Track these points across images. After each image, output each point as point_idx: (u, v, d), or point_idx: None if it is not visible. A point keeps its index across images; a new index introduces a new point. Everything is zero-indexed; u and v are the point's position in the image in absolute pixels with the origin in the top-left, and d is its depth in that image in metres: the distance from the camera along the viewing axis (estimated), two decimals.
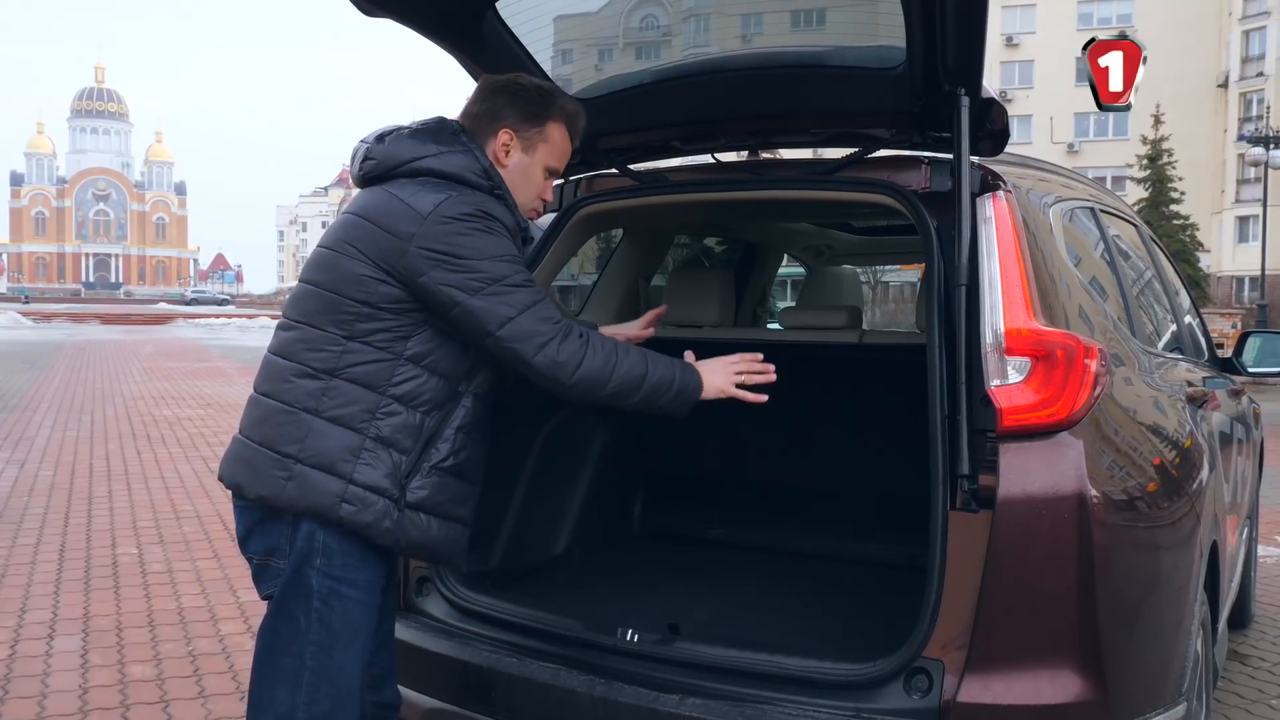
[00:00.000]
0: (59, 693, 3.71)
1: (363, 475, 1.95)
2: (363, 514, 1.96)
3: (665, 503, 3.64)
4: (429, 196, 1.97)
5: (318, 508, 1.96)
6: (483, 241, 1.95)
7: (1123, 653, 1.98)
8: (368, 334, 1.98)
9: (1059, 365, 1.98)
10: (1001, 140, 2.27)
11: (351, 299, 1.98)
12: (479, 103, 2.15)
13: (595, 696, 2.18)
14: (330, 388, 1.97)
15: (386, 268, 1.96)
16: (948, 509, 1.97)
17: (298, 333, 2.03)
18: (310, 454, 1.96)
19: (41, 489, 7.44)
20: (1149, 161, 33.97)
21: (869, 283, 25.98)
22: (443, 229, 1.94)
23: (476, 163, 2.05)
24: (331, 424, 1.96)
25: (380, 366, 1.98)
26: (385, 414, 1.97)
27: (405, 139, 2.07)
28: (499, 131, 2.12)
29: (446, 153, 2.04)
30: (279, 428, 1.99)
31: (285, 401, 2.00)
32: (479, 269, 1.93)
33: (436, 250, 1.93)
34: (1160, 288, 3.46)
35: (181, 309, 66.08)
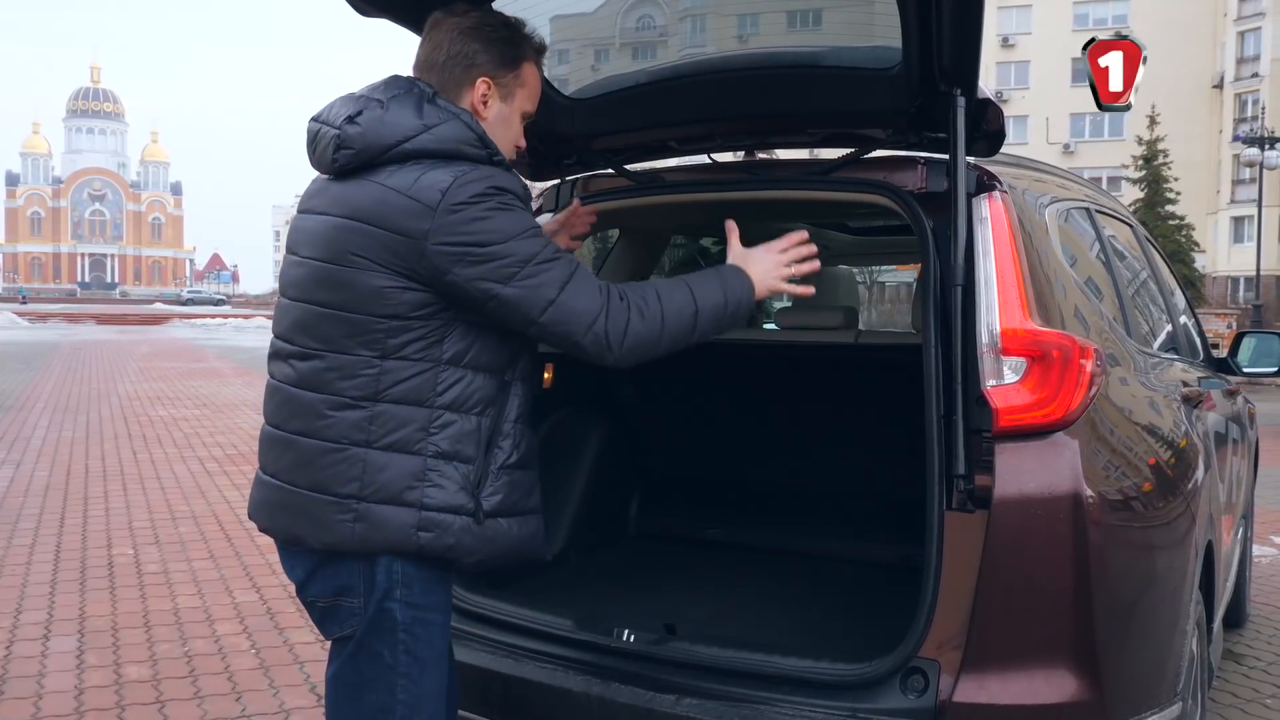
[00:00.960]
0: (54, 693, 3.70)
1: (434, 498, 1.81)
2: (443, 538, 1.82)
3: (662, 503, 3.64)
4: (431, 184, 1.76)
5: (393, 544, 1.81)
6: (502, 221, 1.77)
7: (1118, 652, 1.98)
8: (401, 348, 1.80)
9: (1055, 365, 1.98)
10: (997, 141, 2.27)
11: (377, 315, 1.79)
12: (445, 48, 1.90)
13: (592, 696, 2.18)
14: (376, 414, 1.80)
15: (406, 273, 1.77)
16: (944, 509, 1.97)
17: (322, 361, 1.83)
18: (372, 489, 1.80)
19: (37, 489, 7.43)
20: (1144, 162, 34.04)
21: (865, 283, 25.99)
22: (457, 218, 1.75)
23: (470, 131, 1.84)
24: (386, 452, 1.80)
25: (422, 379, 1.81)
26: (439, 427, 1.81)
27: (383, 116, 1.81)
28: (476, 81, 1.90)
29: (435, 125, 1.81)
30: (329, 469, 1.82)
31: (329, 439, 1.82)
32: (507, 253, 1.76)
33: (456, 243, 1.75)
34: (1155, 288, 3.47)
35: (177, 309, 66.03)
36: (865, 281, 25.99)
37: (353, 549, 1.82)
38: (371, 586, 1.84)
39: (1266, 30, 45.13)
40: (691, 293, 1.91)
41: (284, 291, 1.94)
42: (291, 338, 1.89)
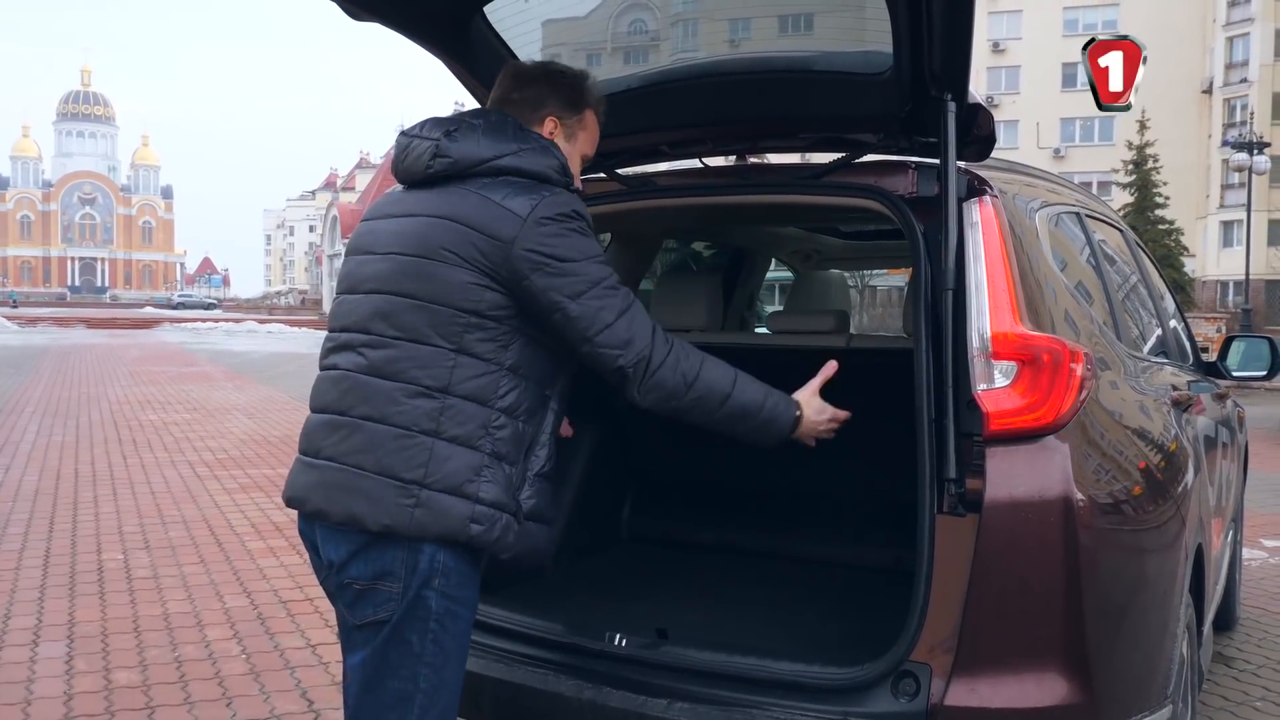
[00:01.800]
0: (43, 699, 3.68)
1: (487, 493, 1.91)
2: (490, 532, 1.91)
3: (654, 506, 3.64)
4: (523, 198, 1.91)
5: (449, 532, 1.89)
6: (580, 242, 1.93)
7: (1109, 656, 1.99)
8: (474, 345, 1.92)
9: (1045, 369, 1.99)
10: (988, 145, 2.28)
11: (459, 309, 1.91)
12: (517, 90, 2.09)
13: (584, 701, 2.18)
14: (447, 406, 1.90)
15: (491, 273, 1.90)
16: (935, 513, 1.98)
17: (399, 350, 1.92)
18: (436, 478, 1.88)
19: (26, 494, 7.40)
20: (1134, 167, 34.20)
21: (856, 287, 26.06)
22: (542, 231, 1.89)
23: (555, 159, 2.00)
24: (452, 444, 1.90)
25: (489, 380, 1.92)
26: (497, 428, 1.93)
27: (480, 137, 1.98)
28: (544, 119, 2.08)
29: (527, 150, 1.98)
30: (398, 453, 1.89)
31: (401, 425, 1.90)
32: (581, 271, 1.91)
33: (539, 253, 1.89)
34: (1145, 292, 3.48)
35: (167, 313, 65.82)
36: (857, 286, 26.10)
37: (409, 534, 1.89)
38: (413, 572, 1.90)
39: (1255, 36, 45.40)
40: (735, 379, 2.04)
41: (357, 286, 2.03)
42: (367, 327, 1.97)
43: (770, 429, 2.08)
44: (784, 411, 2.10)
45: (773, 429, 2.08)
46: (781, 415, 2.09)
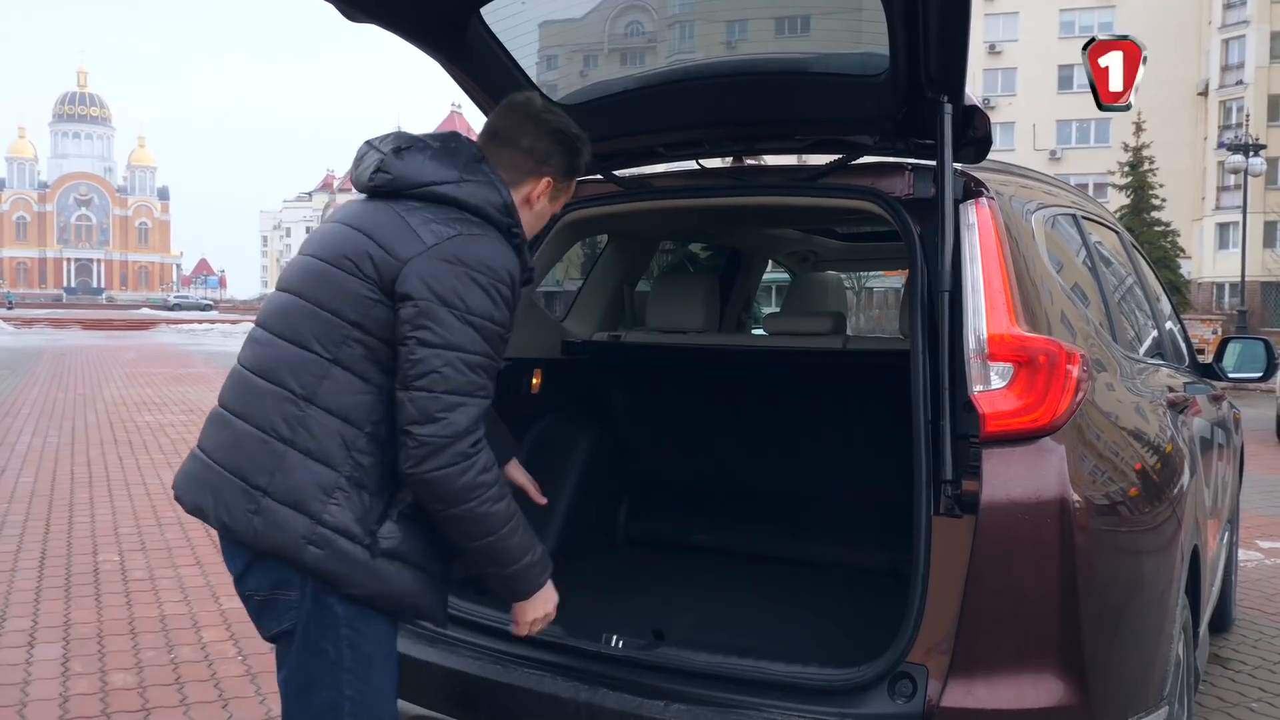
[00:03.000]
0: (39, 701, 3.68)
1: (332, 516, 1.81)
2: (329, 560, 1.81)
3: (650, 509, 3.64)
4: (440, 229, 1.84)
5: (283, 548, 1.82)
6: (476, 297, 1.81)
7: (1105, 657, 1.99)
8: (353, 360, 1.84)
9: (1041, 371, 1.99)
10: (984, 147, 2.28)
11: (344, 318, 1.85)
12: (529, 136, 2.00)
13: (580, 702, 2.17)
14: (308, 417, 1.83)
15: (381, 287, 1.83)
16: (931, 514, 1.98)
17: (280, 350, 1.89)
18: (280, 488, 1.82)
19: (22, 496, 7.38)
20: (1130, 169, 34.25)
21: (853, 289, 26.08)
22: (441, 267, 1.81)
23: (499, 196, 1.92)
24: (305, 457, 1.83)
25: (363, 400, 1.84)
26: (361, 453, 1.84)
27: (426, 159, 1.92)
28: (542, 178, 2.02)
29: (468, 181, 1.90)
30: (252, 457, 1.85)
31: (260, 427, 1.86)
32: (450, 326, 1.79)
33: (425, 283, 1.80)
34: (1141, 294, 3.49)
35: (164, 314, 65.69)
36: (853, 287, 26.12)
37: (246, 541, 1.85)
38: (307, 579, 1.85)
39: (1251, 38, 45.48)
40: (518, 529, 1.91)
41: (280, 284, 2.01)
42: (265, 323, 1.95)
43: (513, 582, 1.96)
44: (537, 575, 1.98)
45: (515, 585, 1.97)
46: (535, 578, 1.97)
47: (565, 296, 5.09)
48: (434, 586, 1.96)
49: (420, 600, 1.93)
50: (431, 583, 1.95)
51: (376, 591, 1.86)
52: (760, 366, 3.62)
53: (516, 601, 2.00)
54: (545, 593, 2.02)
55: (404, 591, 1.89)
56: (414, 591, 1.91)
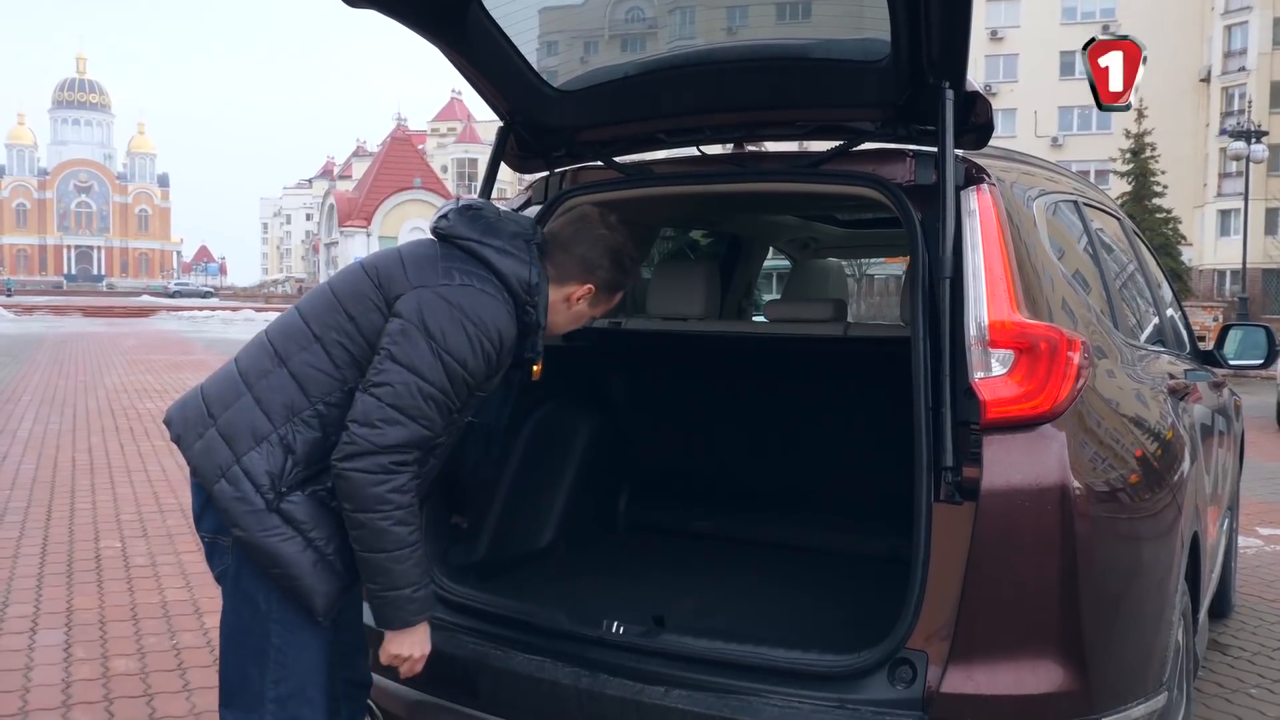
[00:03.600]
0: (42, 686, 3.69)
1: (250, 462, 1.96)
2: (229, 500, 1.95)
3: (650, 496, 3.65)
4: (458, 275, 2.01)
5: (203, 474, 1.99)
6: (457, 339, 1.96)
7: (1104, 643, 1.99)
8: (335, 344, 2.02)
9: (1042, 358, 1.99)
10: (986, 134, 2.28)
11: (345, 311, 2.04)
12: (584, 245, 2.18)
13: (581, 688, 2.18)
14: (274, 374, 2.02)
15: (386, 300, 2.01)
16: (931, 501, 1.98)
17: (288, 319, 2.11)
18: (226, 422, 2.01)
19: (24, 482, 7.39)
20: (1132, 155, 34.17)
21: (854, 276, 26.06)
22: (440, 303, 1.97)
23: (527, 274, 2.08)
24: (255, 406, 2.00)
25: (324, 378, 2.01)
26: (303, 422, 1.99)
27: (482, 223, 2.10)
28: (586, 284, 2.18)
29: (508, 253, 2.07)
30: (222, 390, 2.07)
31: (240, 369, 2.08)
32: (424, 352, 1.94)
33: (417, 309, 1.96)
34: (1143, 281, 3.48)
35: (164, 301, 65.60)
36: (854, 275, 26.09)
37: (188, 460, 2.03)
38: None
39: (1253, 24, 45.30)
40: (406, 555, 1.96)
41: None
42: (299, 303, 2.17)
43: (388, 607, 2.00)
44: (410, 609, 2.01)
45: (389, 610, 2.01)
46: (404, 610, 2.01)
47: None
48: (324, 575, 2.01)
49: (300, 575, 1.98)
50: (324, 570, 2.00)
51: (256, 540, 1.96)
52: (761, 353, 3.62)
53: (387, 628, 2.04)
54: (416, 634, 2.05)
55: (285, 556, 1.96)
56: (297, 563, 1.97)
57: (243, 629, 2.04)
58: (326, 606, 2.03)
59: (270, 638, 2.01)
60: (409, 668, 2.08)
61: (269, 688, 2.01)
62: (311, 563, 1.98)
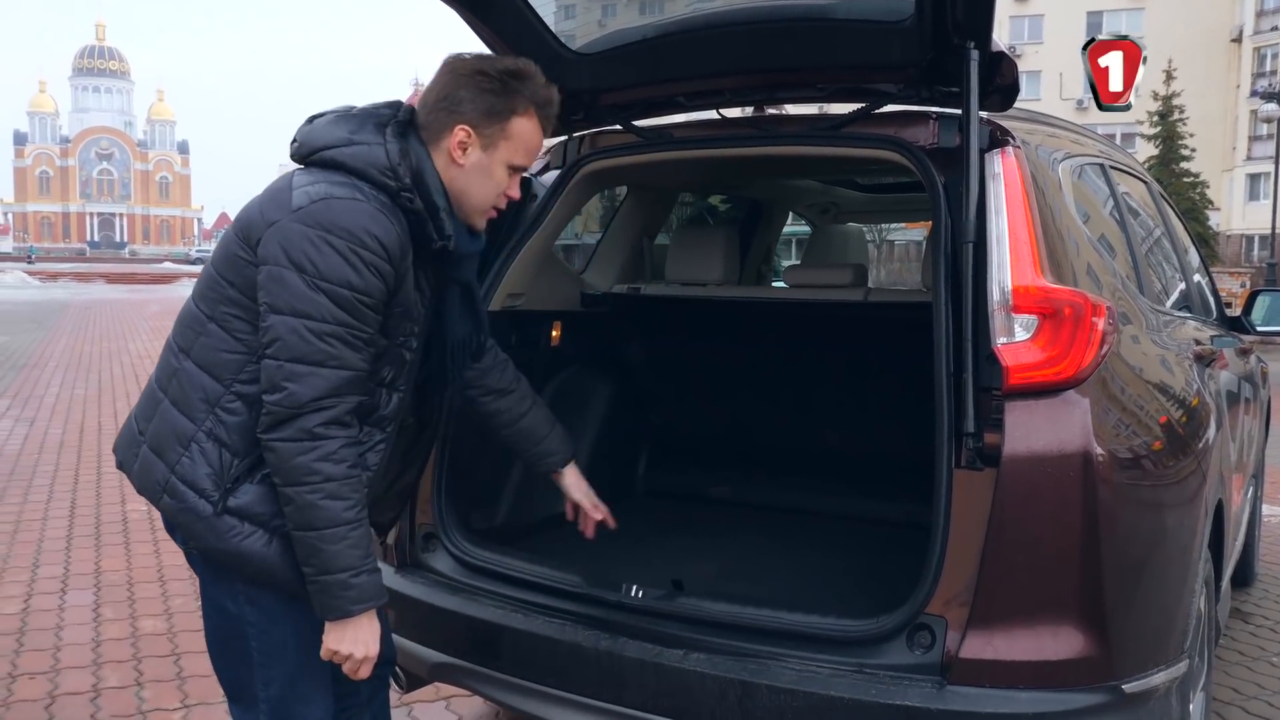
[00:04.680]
0: (72, 645, 3.76)
1: (184, 469, 1.82)
2: (178, 513, 1.84)
3: (669, 460, 3.65)
4: (310, 191, 1.79)
5: (147, 492, 1.88)
6: (331, 262, 1.74)
7: (1126, 610, 1.99)
8: (226, 318, 1.83)
9: (1066, 323, 1.97)
10: (1011, 95, 2.24)
11: (224, 278, 1.85)
12: (437, 90, 1.91)
13: (600, 650, 2.20)
14: (182, 370, 1.87)
15: (253, 249, 1.81)
16: (952, 467, 1.97)
17: (183, 309, 1.94)
18: (151, 435, 1.88)
19: (51, 447, 7.49)
20: (1159, 118, 33.68)
21: (874, 241, 25.88)
22: (300, 230, 1.75)
23: (385, 158, 1.83)
24: (174, 408, 1.86)
25: (231, 358, 1.83)
26: (226, 410, 1.82)
27: (327, 124, 1.89)
28: (454, 128, 1.89)
29: (355, 144, 1.84)
30: (144, 404, 1.95)
31: (155, 378, 1.94)
32: (298, 291, 1.73)
33: (282, 248, 1.75)
34: (1169, 246, 3.44)
35: (186, 268, 65.90)
36: (874, 240, 25.92)
37: (133, 484, 1.92)
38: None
39: None
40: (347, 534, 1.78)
41: None
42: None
43: (321, 593, 1.80)
44: (346, 597, 1.79)
45: (322, 597, 1.80)
46: (338, 597, 1.79)
47: (584, 249, 5.06)
48: (282, 553, 1.84)
49: (272, 568, 1.84)
50: (278, 549, 1.84)
51: (216, 547, 1.84)
52: (780, 319, 3.60)
53: (324, 619, 1.82)
54: (356, 628, 1.82)
55: (250, 553, 1.83)
56: (264, 557, 1.83)
57: (221, 636, 1.96)
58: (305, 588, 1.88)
59: (249, 641, 1.91)
60: (351, 668, 1.85)
61: (259, 689, 1.93)
62: (280, 552, 1.83)
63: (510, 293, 2.83)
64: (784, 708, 2.00)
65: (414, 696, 3.20)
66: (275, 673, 1.93)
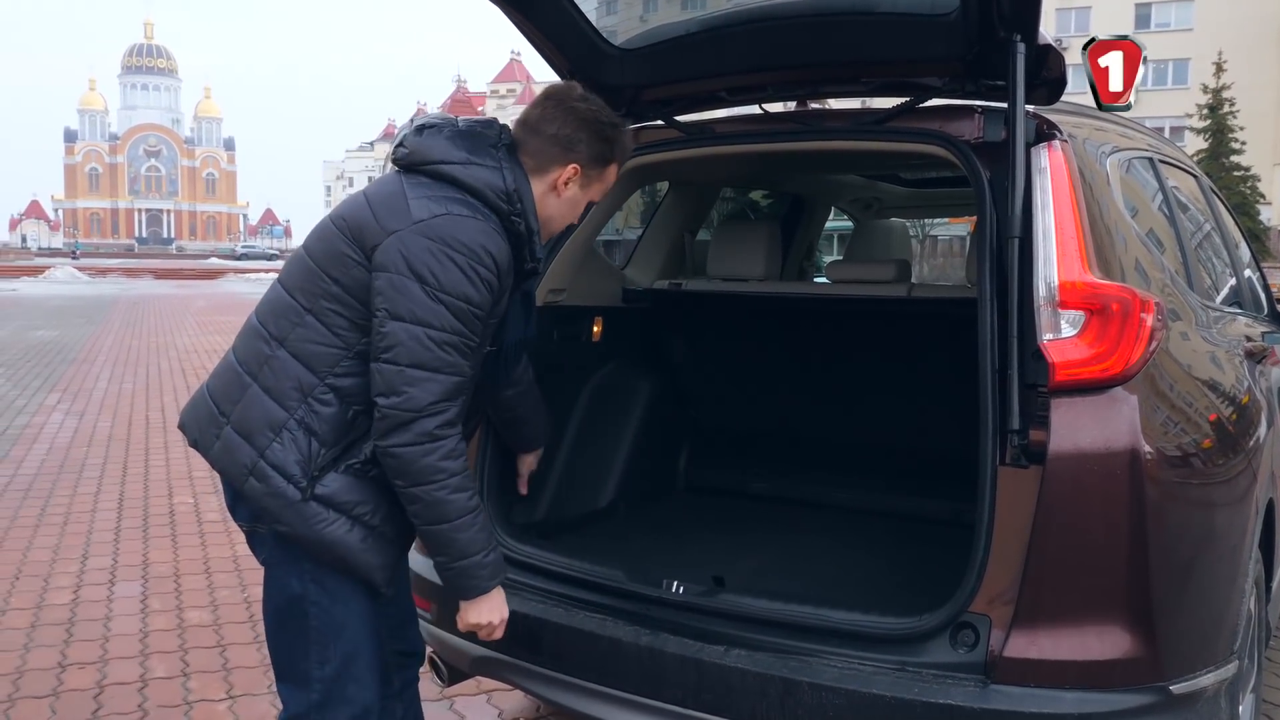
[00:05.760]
0: (120, 636, 3.83)
1: (274, 454, 1.90)
2: (263, 497, 1.90)
3: (710, 456, 3.65)
4: (430, 205, 1.88)
5: (230, 474, 1.94)
6: (452, 276, 1.84)
7: (1174, 610, 1.96)
8: (326, 312, 1.92)
9: (1114, 319, 1.94)
10: (1058, 89, 2.21)
11: (327, 274, 1.93)
12: (555, 124, 2.02)
13: (641, 646, 2.20)
14: (275, 357, 1.94)
15: (364, 251, 1.89)
16: (997, 464, 1.95)
17: (274, 296, 2.01)
18: (238, 419, 1.94)
19: (100, 440, 7.62)
20: (1209, 111, 33.17)
21: (917, 237, 25.67)
22: (424, 243, 1.85)
23: (501, 182, 1.95)
24: (265, 394, 1.93)
25: (328, 351, 1.91)
26: (319, 400, 1.91)
27: (441, 137, 1.98)
28: (568, 164, 2.03)
29: (473, 164, 1.94)
30: (226, 385, 1.99)
31: (239, 359, 2.00)
32: (420, 301, 1.83)
33: (404, 257, 1.84)
34: (1219, 240, 3.38)
35: (231, 264, 66.86)
36: (917, 236, 25.71)
37: (210, 462, 1.98)
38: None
39: None
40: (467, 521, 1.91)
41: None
42: (280, 273, 2.08)
43: (459, 577, 1.97)
44: (482, 576, 1.97)
45: (460, 580, 1.97)
46: (476, 578, 1.96)
47: (625, 245, 5.06)
48: (377, 547, 1.97)
49: (352, 554, 1.94)
50: (375, 543, 1.96)
51: (301, 533, 1.91)
52: (822, 315, 3.59)
53: (462, 599, 2.00)
54: (491, 600, 2.01)
55: (333, 540, 1.92)
56: (346, 544, 1.92)
57: (283, 614, 2.02)
58: (386, 578, 2.01)
59: (309, 619, 1.98)
60: (488, 633, 2.04)
61: (314, 668, 2.00)
62: (360, 539, 1.93)
63: (552, 288, 2.84)
64: (825, 705, 1.99)
65: (455, 690, 3.22)
66: (332, 652, 1.99)
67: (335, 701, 2.00)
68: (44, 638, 3.80)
